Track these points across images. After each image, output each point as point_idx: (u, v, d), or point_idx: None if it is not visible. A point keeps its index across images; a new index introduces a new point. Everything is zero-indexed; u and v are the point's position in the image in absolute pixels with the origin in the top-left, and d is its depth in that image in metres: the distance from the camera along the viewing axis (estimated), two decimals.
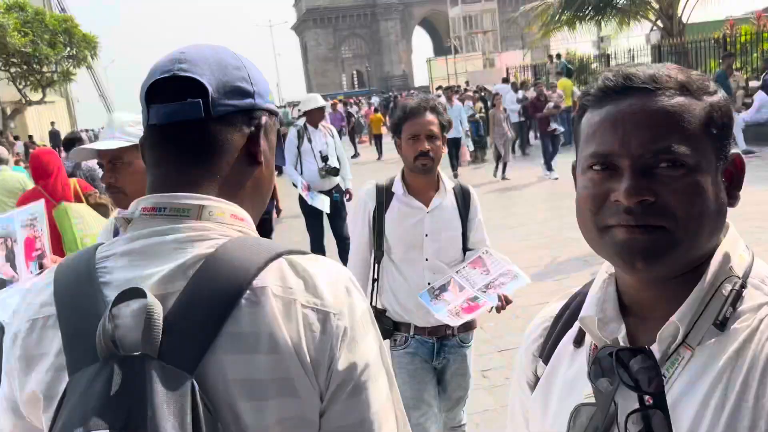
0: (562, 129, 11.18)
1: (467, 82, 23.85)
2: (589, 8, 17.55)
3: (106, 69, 70.20)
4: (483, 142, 14.73)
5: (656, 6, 17.61)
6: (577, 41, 21.06)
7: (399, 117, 2.30)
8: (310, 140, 5.90)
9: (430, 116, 2.24)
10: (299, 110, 7.98)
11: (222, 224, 0.82)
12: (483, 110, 15.48)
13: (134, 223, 0.83)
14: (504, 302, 2.26)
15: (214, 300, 0.75)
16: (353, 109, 22.76)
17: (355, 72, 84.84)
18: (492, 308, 2.26)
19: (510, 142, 11.53)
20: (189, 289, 0.75)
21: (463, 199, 2.40)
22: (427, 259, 2.35)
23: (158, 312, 0.72)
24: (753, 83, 13.76)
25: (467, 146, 13.43)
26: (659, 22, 17.81)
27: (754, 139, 11.03)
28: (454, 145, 12.06)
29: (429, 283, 2.31)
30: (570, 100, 13.64)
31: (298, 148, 5.88)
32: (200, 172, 0.84)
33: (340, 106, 20.10)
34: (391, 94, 29.16)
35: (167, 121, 0.82)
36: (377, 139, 18.57)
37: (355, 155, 18.74)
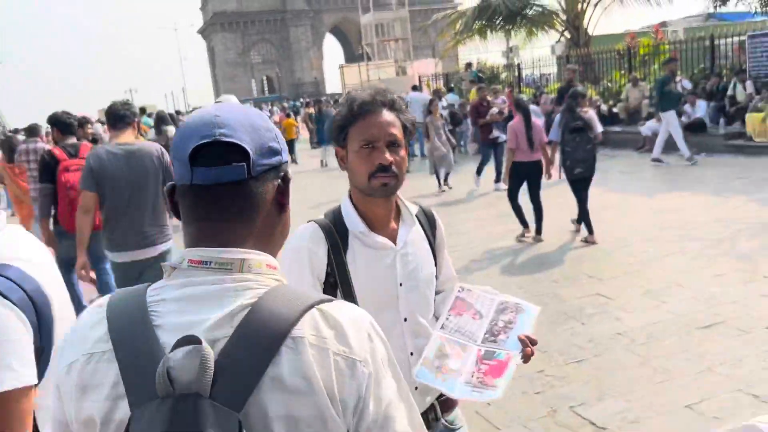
0: (504, 137, 9.29)
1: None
2: (500, 18, 17.79)
3: None
4: (410, 152, 13.99)
5: (563, 17, 18.10)
6: (488, 50, 21.29)
7: (344, 117, 1.61)
8: None
9: (388, 115, 1.59)
10: None
11: (260, 275, 0.93)
12: None
13: (181, 272, 0.92)
14: (530, 345, 1.59)
15: (258, 347, 0.85)
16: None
17: (265, 78, 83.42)
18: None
19: (451, 150, 10.32)
20: (236, 336, 0.85)
21: (430, 226, 1.79)
22: (405, 319, 1.68)
23: (211, 355, 0.82)
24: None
25: None
26: (566, 33, 18.31)
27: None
28: None
29: (411, 353, 1.66)
30: None
31: None
32: (241, 227, 0.94)
33: None
34: (303, 100, 28.51)
35: (215, 182, 0.91)
36: (289, 145, 18.22)
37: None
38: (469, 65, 20.14)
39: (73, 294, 4.03)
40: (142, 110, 14.22)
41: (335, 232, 1.64)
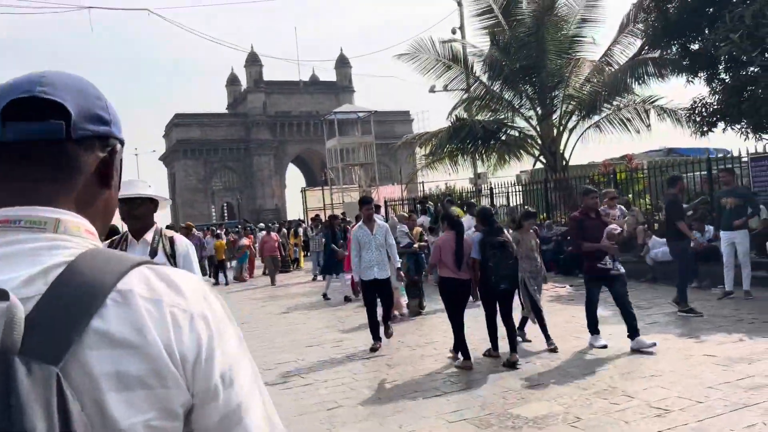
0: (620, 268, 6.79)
1: (344, 213, 22.29)
2: (474, 141, 16.92)
3: None
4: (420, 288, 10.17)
5: (539, 141, 17.37)
6: (458, 176, 20.29)
7: None
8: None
9: None
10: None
11: (79, 237, 0.87)
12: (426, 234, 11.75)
13: None
14: None
15: (78, 300, 0.78)
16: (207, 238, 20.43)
17: (225, 204, 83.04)
18: None
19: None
20: (50, 292, 0.79)
21: None
22: None
23: (19, 309, 0.75)
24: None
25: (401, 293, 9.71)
26: (542, 158, 17.50)
27: None
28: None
29: None
30: None
31: None
32: (57, 189, 0.88)
33: (195, 231, 17.66)
34: (274, 224, 27.25)
35: (28, 139, 0.85)
36: (220, 266, 19.03)
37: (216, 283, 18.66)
38: (420, 201, 17.96)
39: None
40: None
41: None
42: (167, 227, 4.47)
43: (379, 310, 7.53)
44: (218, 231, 22.53)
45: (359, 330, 8.64)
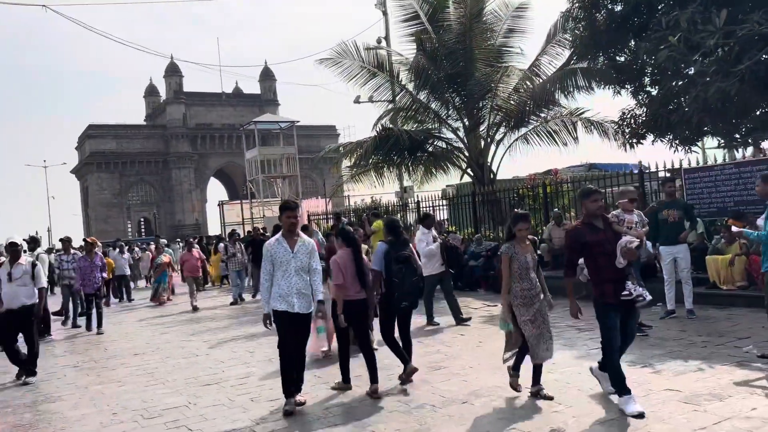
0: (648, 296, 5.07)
1: (264, 228, 20.89)
2: (399, 152, 16.05)
3: None
4: None
5: (467, 153, 16.72)
6: (383, 188, 19.36)
7: None
8: None
9: None
10: None
11: None
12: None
13: None
14: None
15: None
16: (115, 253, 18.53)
17: (142, 219, 79.29)
18: None
19: None
20: None
21: None
22: None
23: None
24: None
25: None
26: (469, 170, 16.86)
27: None
28: None
29: None
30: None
31: None
32: None
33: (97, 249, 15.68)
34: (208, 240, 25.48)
35: None
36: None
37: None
38: (337, 216, 16.74)
39: None
40: None
41: None
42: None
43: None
44: (125, 247, 20.57)
45: (269, 364, 7.45)
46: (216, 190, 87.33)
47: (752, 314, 7.78)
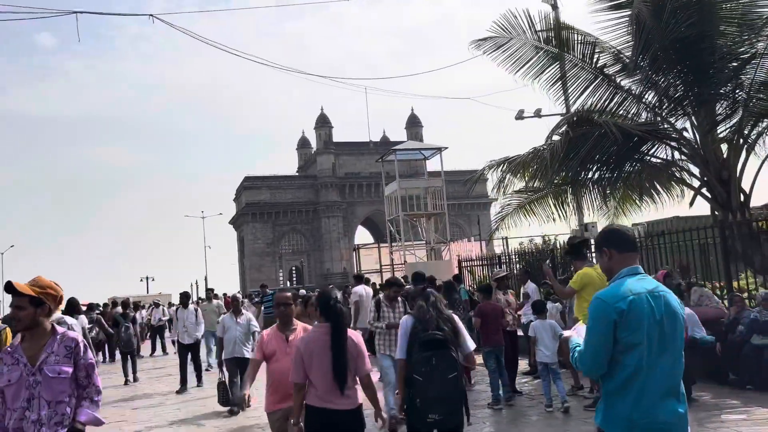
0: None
1: (405, 277, 16.51)
2: (598, 163, 10.78)
3: None
4: None
5: (698, 167, 11.10)
6: (559, 222, 13.89)
7: None
8: None
9: None
10: None
11: None
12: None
13: None
14: None
15: None
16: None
17: (294, 268, 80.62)
18: None
19: None
20: None
21: None
22: None
23: None
24: None
25: None
26: (705, 190, 11.16)
27: None
28: None
29: None
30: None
31: None
32: None
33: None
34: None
35: None
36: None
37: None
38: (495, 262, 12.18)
39: None
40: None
41: None
42: None
43: None
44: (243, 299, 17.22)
45: None
46: (363, 239, 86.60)
47: None
